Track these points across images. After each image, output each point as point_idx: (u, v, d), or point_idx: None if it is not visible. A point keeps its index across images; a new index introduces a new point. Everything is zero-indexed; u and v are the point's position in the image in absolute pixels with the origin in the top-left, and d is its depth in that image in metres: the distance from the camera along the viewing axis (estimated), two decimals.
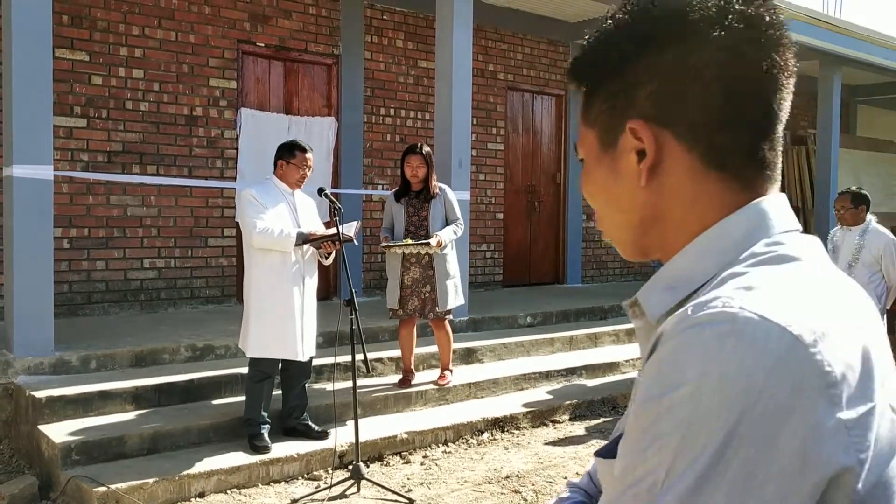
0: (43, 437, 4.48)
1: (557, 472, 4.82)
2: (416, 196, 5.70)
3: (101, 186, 6.87)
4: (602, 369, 6.92)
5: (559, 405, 6.00)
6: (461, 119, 7.14)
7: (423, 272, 5.65)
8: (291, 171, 4.77)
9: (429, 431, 5.26)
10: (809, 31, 10.32)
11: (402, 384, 5.77)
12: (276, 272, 4.65)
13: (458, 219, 5.79)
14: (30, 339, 5.09)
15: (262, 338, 4.64)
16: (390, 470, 4.83)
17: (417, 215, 5.67)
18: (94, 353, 5.31)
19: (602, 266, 10.94)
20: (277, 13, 7.81)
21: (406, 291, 5.66)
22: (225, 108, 7.50)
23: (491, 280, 9.62)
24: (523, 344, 6.99)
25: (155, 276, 7.18)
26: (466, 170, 7.22)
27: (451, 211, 5.77)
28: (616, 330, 7.75)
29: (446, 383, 5.85)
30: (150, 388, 5.01)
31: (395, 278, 5.67)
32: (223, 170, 7.52)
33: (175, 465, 4.32)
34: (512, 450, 5.26)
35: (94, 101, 6.81)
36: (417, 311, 5.67)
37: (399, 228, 5.70)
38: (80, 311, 6.78)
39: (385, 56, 8.60)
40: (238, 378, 5.30)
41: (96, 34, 6.81)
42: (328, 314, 5.67)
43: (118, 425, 4.63)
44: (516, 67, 9.79)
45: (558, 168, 10.38)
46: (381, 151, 8.59)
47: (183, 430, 4.68)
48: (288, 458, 4.61)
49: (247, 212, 4.63)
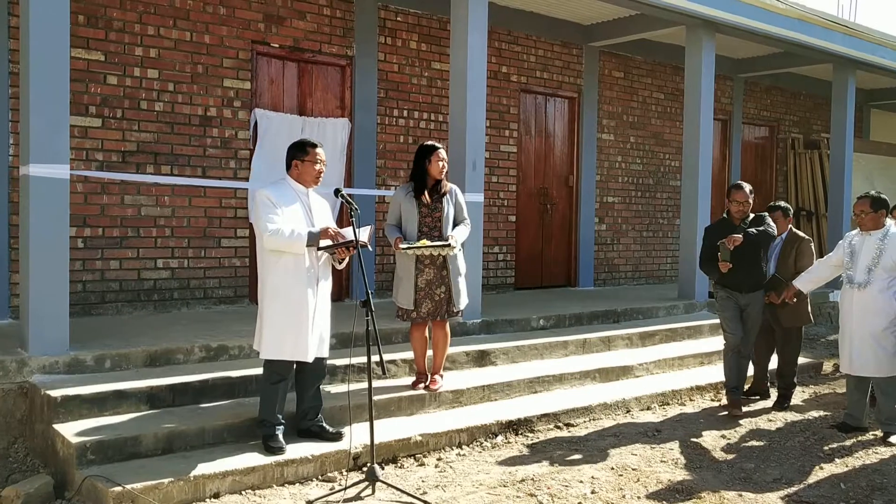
0: (58, 436, 4.48)
1: (573, 475, 4.79)
2: (430, 195, 5.62)
3: (115, 186, 6.88)
4: (615, 373, 6.89)
5: (573, 408, 5.97)
6: (475, 121, 7.13)
7: (438, 273, 5.62)
8: (307, 168, 4.75)
9: (443, 434, 5.23)
10: (824, 34, 10.26)
11: (415, 386, 5.75)
12: (291, 274, 4.62)
13: (465, 219, 5.77)
14: (45, 338, 5.09)
15: (276, 340, 4.61)
16: (405, 472, 4.81)
17: (431, 216, 5.63)
18: (109, 352, 5.31)
19: (614, 269, 10.90)
20: (292, 14, 7.81)
21: (420, 294, 5.59)
22: (239, 108, 7.50)
23: (503, 282, 9.60)
24: (536, 347, 6.96)
25: (168, 276, 7.18)
26: (480, 172, 7.20)
27: (461, 211, 5.75)
28: (629, 333, 7.71)
29: (438, 388, 5.73)
30: (164, 388, 5.01)
31: (409, 279, 5.60)
32: (237, 170, 7.52)
33: (190, 466, 4.31)
34: (526, 453, 5.23)
35: (109, 101, 6.83)
36: (431, 313, 5.64)
37: (412, 228, 5.57)
38: (94, 310, 6.79)
39: (399, 57, 8.59)
40: (252, 379, 5.30)
41: (112, 34, 6.83)
42: (341, 316, 5.66)
43: (133, 425, 4.63)
44: (529, 69, 9.76)
45: (571, 171, 10.34)
46: (394, 153, 8.58)
47: (197, 430, 4.67)
48: (302, 459, 4.59)
49: (260, 213, 4.58)
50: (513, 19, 9.37)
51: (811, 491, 4.69)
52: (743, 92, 12.48)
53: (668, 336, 8.04)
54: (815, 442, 5.69)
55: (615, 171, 10.82)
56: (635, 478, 4.80)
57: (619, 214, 10.92)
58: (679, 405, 6.63)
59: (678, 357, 7.50)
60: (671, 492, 4.59)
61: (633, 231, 11.10)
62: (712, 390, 7.00)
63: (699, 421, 6.17)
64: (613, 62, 10.71)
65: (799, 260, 6.57)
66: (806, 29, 9.97)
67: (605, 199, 10.70)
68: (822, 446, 5.58)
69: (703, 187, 9.14)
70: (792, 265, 6.56)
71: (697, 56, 9.13)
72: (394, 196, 5.76)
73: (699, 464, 5.12)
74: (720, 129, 12.16)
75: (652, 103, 11.22)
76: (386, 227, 5.67)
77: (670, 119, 11.43)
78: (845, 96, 11.17)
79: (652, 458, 5.18)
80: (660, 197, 11.40)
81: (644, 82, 11.10)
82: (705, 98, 9.12)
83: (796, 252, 6.60)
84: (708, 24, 9.04)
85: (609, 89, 10.67)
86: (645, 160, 11.19)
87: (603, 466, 4.98)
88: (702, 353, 7.76)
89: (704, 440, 5.64)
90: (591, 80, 10.37)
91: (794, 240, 6.67)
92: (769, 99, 13.09)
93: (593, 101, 10.41)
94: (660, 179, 11.38)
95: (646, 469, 4.96)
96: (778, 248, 6.67)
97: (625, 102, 10.89)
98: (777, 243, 6.70)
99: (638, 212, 11.11)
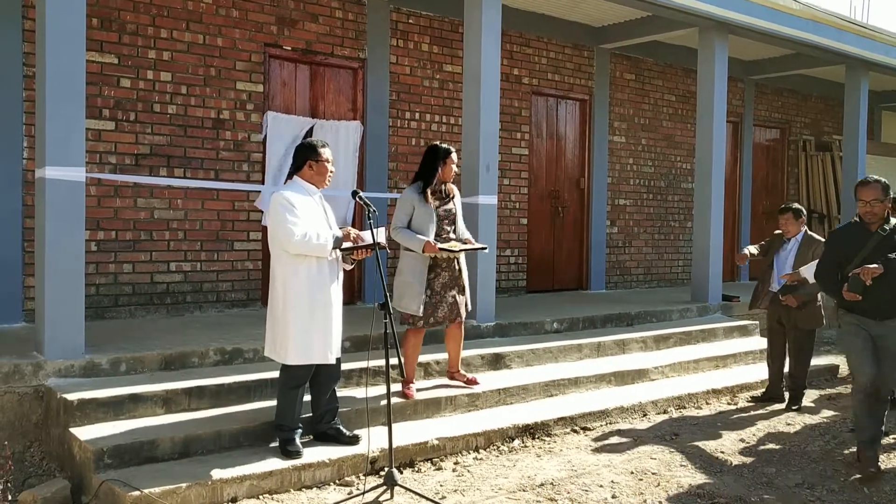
0: (75, 440, 4.45)
1: (592, 479, 4.74)
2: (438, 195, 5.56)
3: (128, 189, 6.86)
4: (631, 376, 6.84)
5: (590, 412, 5.92)
6: (489, 124, 7.10)
7: (452, 275, 5.59)
8: (321, 169, 4.71)
9: (459, 438, 5.19)
10: (836, 35, 10.20)
11: (405, 392, 5.51)
12: (313, 278, 4.56)
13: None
14: (61, 341, 5.07)
15: (304, 344, 4.53)
16: (422, 476, 4.77)
17: (448, 218, 5.61)
18: (124, 355, 5.29)
19: (626, 272, 10.85)
20: (304, 17, 7.80)
21: (435, 297, 5.52)
22: (252, 111, 7.49)
23: (515, 285, 9.56)
24: (551, 350, 6.91)
25: (181, 279, 7.16)
26: (494, 174, 7.17)
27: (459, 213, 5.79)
28: (644, 337, 7.66)
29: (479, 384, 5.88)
30: (180, 392, 4.98)
31: (420, 283, 5.44)
32: (249, 173, 7.50)
33: (207, 470, 4.28)
34: (544, 457, 5.19)
35: (122, 104, 6.81)
36: (447, 317, 5.59)
37: (429, 229, 5.46)
38: (107, 313, 6.77)
39: (411, 60, 8.56)
40: (267, 382, 5.26)
41: (125, 37, 6.82)
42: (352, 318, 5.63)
43: (149, 429, 4.60)
44: (541, 72, 9.73)
45: (582, 173, 10.30)
46: (406, 156, 8.55)
47: (214, 434, 4.64)
48: (320, 463, 4.55)
49: (282, 217, 4.49)
50: (524, 21, 9.34)
51: (835, 496, 4.64)
52: (753, 94, 12.43)
53: (682, 339, 7.99)
54: (836, 446, 5.63)
55: (626, 173, 10.78)
56: (655, 482, 4.75)
57: (631, 217, 10.87)
58: (695, 408, 6.57)
59: (693, 360, 7.44)
60: (692, 496, 4.54)
61: (644, 234, 11.05)
62: (728, 394, 6.95)
63: (716, 424, 6.11)
64: (624, 64, 10.67)
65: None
66: (819, 30, 9.92)
67: (616, 201, 10.65)
68: (843, 450, 5.52)
69: (716, 189, 9.09)
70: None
71: (710, 58, 9.08)
72: (404, 198, 5.57)
73: (719, 468, 5.07)
74: (731, 132, 12.10)
75: (663, 105, 11.17)
76: (399, 231, 5.47)
77: (681, 121, 11.38)
78: (858, 98, 11.11)
79: (671, 462, 5.13)
80: (671, 199, 11.35)
81: (655, 84, 11.05)
82: (718, 100, 9.07)
83: (812, 255, 6.55)
84: (721, 25, 9.00)
85: (620, 92, 10.63)
86: (656, 163, 11.14)
87: (622, 471, 4.93)
88: (716, 356, 7.71)
89: (723, 444, 5.59)
90: (603, 83, 10.33)
91: (811, 242, 6.61)
92: (780, 101, 13.03)
93: (604, 104, 10.37)
94: (671, 182, 11.32)
95: (666, 473, 4.91)
96: (794, 251, 6.62)
97: (636, 105, 10.84)
98: (792, 246, 6.65)
99: (649, 214, 11.05)
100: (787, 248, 6.65)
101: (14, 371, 4.91)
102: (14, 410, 4.90)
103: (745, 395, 6.99)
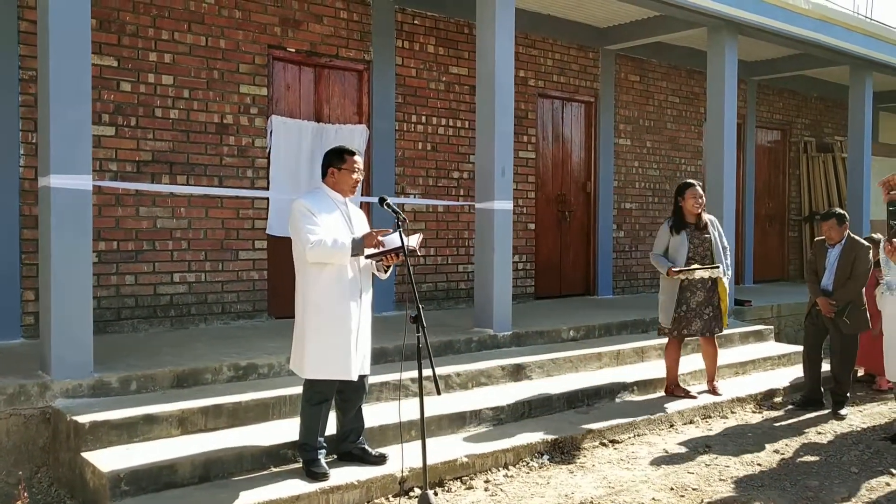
0: (87, 465, 4.18)
1: (632, 497, 4.53)
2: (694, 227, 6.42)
3: (130, 198, 6.58)
4: (654, 385, 6.64)
5: (617, 424, 5.71)
6: (504, 126, 6.89)
7: (707, 294, 6.32)
8: (344, 176, 4.49)
9: (488, 454, 4.96)
10: (844, 35, 10.08)
11: (668, 393, 6.53)
12: (334, 288, 4.34)
13: (726, 247, 6.51)
14: (68, 360, 4.78)
15: (320, 358, 4.31)
16: (453, 496, 4.54)
17: (702, 246, 6.37)
18: (134, 373, 5.01)
19: (633, 277, 10.67)
20: (308, 18, 7.55)
21: (691, 313, 6.32)
22: (255, 115, 7.23)
23: (523, 292, 9.33)
24: (571, 359, 6.70)
25: (185, 290, 6.88)
26: (509, 178, 6.96)
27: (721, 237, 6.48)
28: (661, 344, 7.42)
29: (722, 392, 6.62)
30: (196, 411, 4.71)
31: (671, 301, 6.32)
32: (254, 179, 7.24)
33: (230, 496, 4.03)
34: (577, 473, 4.97)
35: (122, 109, 6.54)
36: (700, 330, 6.37)
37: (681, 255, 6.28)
38: (109, 327, 6.48)
39: (416, 62, 8.34)
40: (286, 399, 5.02)
41: (125, 39, 6.54)
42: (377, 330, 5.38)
43: (166, 451, 4.33)
44: (546, 74, 9.54)
45: (588, 177, 10.12)
46: (412, 160, 8.32)
47: (235, 456, 4.38)
48: (348, 485, 4.31)
49: (300, 224, 4.30)
50: (529, 23, 9.14)
51: None
52: (755, 95, 12.30)
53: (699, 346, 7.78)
54: (872, 455, 5.45)
55: (632, 176, 10.60)
56: (698, 499, 4.54)
57: (637, 221, 10.69)
58: (721, 418, 6.38)
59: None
60: None
61: (650, 238, 10.86)
62: (752, 402, 6.77)
63: (746, 435, 5.92)
64: (629, 66, 10.50)
65: (856, 266, 6.36)
66: (827, 30, 9.79)
67: (622, 205, 10.47)
68: (881, 460, 5.34)
69: (727, 190, 8.89)
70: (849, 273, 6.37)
71: (720, 58, 8.91)
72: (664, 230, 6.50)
73: (760, 482, 4.87)
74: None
75: (668, 107, 11.01)
76: (652, 256, 6.50)
77: (686, 123, 11.23)
78: (863, 99, 11.01)
79: (710, 477, 4.93)
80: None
81: (660, 86, 10.89)
82: (728, 100, 8.90)
83: (855, 258, 6.37)
84: (731, 24, 8.83)
85: (625, 93, 10.45)
86: (661, 165, 10.98)
87: (661, 486, 4.72)
88: (735, 362, 7.54)
89: (758, 456, 5.39)
90: (608, 84, 10.15)
91: (854, 247, 6.42)
92: (781, 102, 12.92)
93: (610, 106, 10.19)
94: (676, 185, 11.14)
95: (707, 489, 4.71)
96: (837, 257, 6.45)
97: (641, 106, 10.67)
98: (836, 252, 6.47)
99: (655, 218, 10.87)
100: (832, 256, 6.49)
101: (19, 392, 4.62)
102: (20, 434, 4.61)
103: (767, 403, 6.81)
